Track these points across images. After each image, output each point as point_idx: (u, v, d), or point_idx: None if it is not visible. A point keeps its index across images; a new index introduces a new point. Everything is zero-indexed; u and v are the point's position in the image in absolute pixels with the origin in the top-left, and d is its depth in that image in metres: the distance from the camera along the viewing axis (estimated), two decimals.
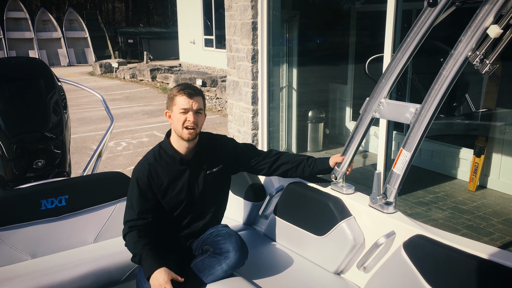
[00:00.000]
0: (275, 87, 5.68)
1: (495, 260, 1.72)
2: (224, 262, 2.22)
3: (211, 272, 2.25)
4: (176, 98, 2.23)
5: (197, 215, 2.43)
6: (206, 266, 2.28)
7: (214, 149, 2.43)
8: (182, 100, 2.21)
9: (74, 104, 11.25)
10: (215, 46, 16.09)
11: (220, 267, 2.23)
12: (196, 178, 2.37)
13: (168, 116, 2.30)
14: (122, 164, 6.53)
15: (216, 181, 2.44)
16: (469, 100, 5.60)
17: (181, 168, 2.32)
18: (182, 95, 2.21)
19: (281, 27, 5.79)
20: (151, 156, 2.33)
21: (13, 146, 2.92)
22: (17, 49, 21.45)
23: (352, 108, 6.90)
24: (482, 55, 1.82)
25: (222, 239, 2.31)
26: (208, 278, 2.25)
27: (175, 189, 2.32)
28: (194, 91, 2.25)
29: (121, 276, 2.55)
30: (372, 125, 2.37)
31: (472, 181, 5.06)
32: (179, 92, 2.22)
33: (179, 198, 2.34)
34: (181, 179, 2.33)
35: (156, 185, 2.28)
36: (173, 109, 2.25)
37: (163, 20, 39.24)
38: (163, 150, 2.33)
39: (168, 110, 2.29)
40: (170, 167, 2.31)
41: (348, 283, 2.33)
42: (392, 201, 2.18)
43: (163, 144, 2.35)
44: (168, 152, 2.31)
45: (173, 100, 2.24)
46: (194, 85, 2.34)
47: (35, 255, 2.60)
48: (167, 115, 2.31)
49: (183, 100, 2.21)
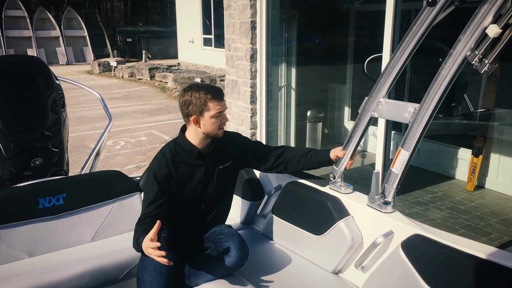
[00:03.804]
0: (273, 86, 5.68)
1: (493, 260, 1.72)
2: (225, 261, 2.23)
3: (211, 270, 2.26)
4: (209, 103, 2.24)
5: (207, 211, 2.46)
6: (207, 264, 2.29)
7: (226, 145, 2.47)
8: (216, 104, 2.25)
9: (72, 102, 11.23)
10: (214, 45, 16.07)
11: (220, 266, 2.24)
12: (211, 172, 2.42)
13: (195, 121, 2.27)
14: (120, 163, 6.52)
15: (226, 176, 2.49)
16: (468, 100, 5.60)
17: (197, 162, 2.36)
18: (214, 100, 2.24)
19: (280, 26, 5.79)
20: (167, 151, 2.34)
21: (11, 144, 2.92)
22: (16, 48, 21.40)
23: (350, 107, 6.90)
24: (481, 55, 1.81)
25: (225, 237, 2.32)
26: (208, 275, 2.26)
27: (192, 183, 2.36)
28: (220, 92, 2.30)
29: (119, 274, 2.55)
30: (370, 124, 2.37)
31: (470, 181, 5.06)
32: (211, 98, 2.24)
33: (196, 191, 2.38)
34: (198, 173, 2.37)
35: (174, 178, 2.31)
36: (205, 114, 2.25)
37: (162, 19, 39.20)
38: (179, 146, 2.35)
39: (196, 115, 2.25)
40: (187, 161, 2.34)
41: (346, 283, 2.33)
42: (390, 201, 2.18)
43: (178, 140, 2.37)
44: (185, 147, 2.34)
45: (206, 105, 2.23)
46: (213, 85, 2.36)
47: (33, 254, 2.59)
48: (193, 120, 2.26)
49: (217, 104, 2.25)
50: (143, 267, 2.26)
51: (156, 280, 2.19)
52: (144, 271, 2.24)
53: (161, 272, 2.21)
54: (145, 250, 1.99)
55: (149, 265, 2.24)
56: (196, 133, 2.31)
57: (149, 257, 2.20)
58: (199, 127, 2.28)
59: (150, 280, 2.20)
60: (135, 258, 2.57)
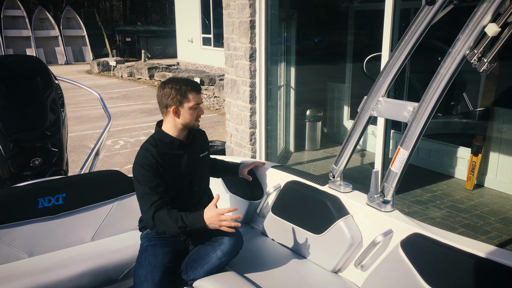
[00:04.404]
0: (273, 85, 5.67)
1: (492, 259, 1.72)
2: (219, 249, 2.28)
3: (206, 260, 2.29)
4: (189, 95, 2.34)
5: (197, 199, 2.51)
6: (202, 255, 2.32)
7: (201, 136, 2.62)
8: (194, 96, 2.36)
9: (71, 102, 11.22)
10: (213, 44, 16.07)
11: (215, 254, 2.28)
12: (195, 160, 2.49)
13: (174, 111, 2.34)
14: (119, 163, 6.51)
15: (207, 164, 2.62)
16: (467, 99, 5.61)
17: (179, 152, 2.42)
18: (193, 91, 2.35)
19: (279, 25, 5.78)
20: (148, 146, 2.38)
21: (10, 144, 2.91)
22: (15, 47, 21.37)
23: (350, 106, 6.90)
24: (480, 54, 1.82)
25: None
26: (205, 267, 2.29)
27: (180, 171, 2.42)
28: (199, 86, 2.43)
29: (119, 274, 2.55)
30: (370, 123, 2.38)
31: (469, 180, 5.07)
32: (191, 90, 2.35)
33: (185, 179, 2.44)
34: (183, 162, 2.43)
35: (163, 167, 2.34)
36: (184, 105, 2.34)
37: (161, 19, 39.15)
38: (159, 140, 2.40)
39: (176, 105, 2.33)
40: (170, 152, 2.40)
41: (346, 282, 2.33)
42: (389, 200, 2.19)
43: (157, 134, 2.42)
44: (165, 139, 2.39)
45: (186, 96, 2.33)
46: (190, 79, 2.45)
47: (32, 254, 2.59)
48: (173, 110, 2.33)
49: (195, 96, 2.36)
50: (139, 263, 2.31)
51: (150, 274, 2.23)
52: (139, 267, 2.29)
53: (155, 266, 2.25)
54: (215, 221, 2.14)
55: (144, 260, 2.29)
56: (174, 124, 2.38)
57: (145, 254, 2.28)
58: (178, 118, 2.36)
59: (145, 274, 2.24)
60: (134, 257, 2.57)
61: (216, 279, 2.27)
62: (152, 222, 2.25)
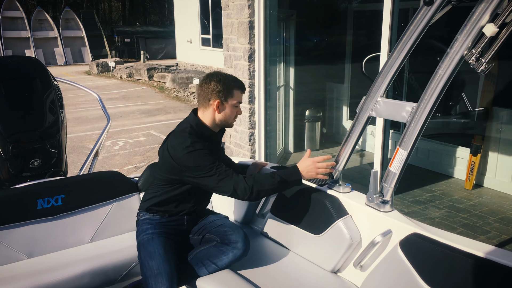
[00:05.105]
0: (272, 86, 5.67)
1: (491, 259, 1.72)
2: (232, 253, 2.29)
3: (215, 261, 2.30)
4: (235, 91, 2.34)
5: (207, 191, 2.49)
6: (211, 255, 2.32)
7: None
8: (239, 94, 2.36)
9: (70, 103, 11.22)
10: (212, 45, 16.06)
11: (226, 257, 2.29)
12: (218, 150, 2.50)
13: (217, 106, 2.30)
14: (119, 164, 6.51)
15: (223, 153, 2.73)
16: (466, 99, 5.61)
17: (212, 146, 2.38)
18: (239, 89, 2.36)
19: (278, 26, 5.79)
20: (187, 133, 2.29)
21: (9, 145, 2.91)
22: (14, 49, 21.37)
23: (349, 107, 6.91)
24: (478, 54, 1.82)
25: (230, 230, 2.38)
26: (211, 266, 2.31)
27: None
28: (244, 85, 2.41)
29: (118, 275, 2.55)
30: (369, 124, 2.38)
31: (468, 179, 5.07)
32: (238, 87, 2.35)
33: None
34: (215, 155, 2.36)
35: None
36: (228, 101, 2.32)
37: (160, 19, 39.16)
38: (197, 131, 2.33)
39: (220, 100, 2.30)
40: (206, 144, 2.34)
41: (345, 282, 2.34)
42: (388, 200, 2.19)
43: (196, 126, 2.34)
44: (204, 132, 2.35)
45: (232, 92, 2.32)
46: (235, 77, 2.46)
47: (32, 255, 2.59)
48: (215, 104, 2.30)
49: (240, 94, 2.37)
50: (147, 253, 2.28)
51: (162, 265, 2.23)
52: (148, 258, 2.26)
53: (167, 258, 2.26)
54: (311, 169, 2.22)
55: (153, 251, 2.27)
56: (213, 118, 2.35)
57: (153, 243, 2.28)
58: (218, 113, 2.33)
59: (157, 267, 2.22)
60: (134, 258, 2.57)
61: (215, 280, 2.27)
62: (250, 189, 2.18)
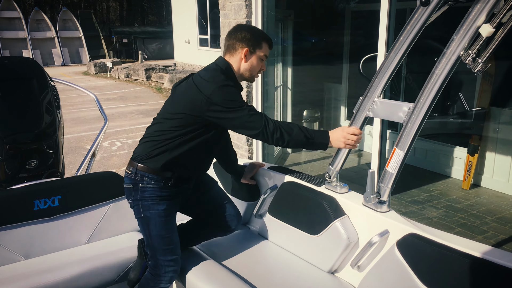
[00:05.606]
0: (269, 86, 5.67)
1: (488, 259, 1.72)
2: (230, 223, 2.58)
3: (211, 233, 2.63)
4: (263, 44, 2.28)
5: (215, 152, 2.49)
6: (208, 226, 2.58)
7: None
8: (267, 47, 2.30)
9: (68, 104, 11.20)
10: (210, 45, 16.07)
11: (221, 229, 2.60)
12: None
13: (245, 54, 2.24)
14: (116, 164, 6.50)
15: None
16: (463, 99, 5.62)
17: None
18: (267, 43, 2.30)
19: (276, 26, 5.79)
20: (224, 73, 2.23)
21: (6, 146, 2.90)
22: (11, 49, 21.33)
23: (346, 107, 6.91)
24: (474, 54, 1.82)
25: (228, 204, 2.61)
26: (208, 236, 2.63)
27: None
28: (271, 41, 2.34)
29: (115, 276, 2.54)
30: (366, 124, 2.38)
31: (466, 179, 5.08)
32: (267, 41, 2.29)
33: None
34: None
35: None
36: (256, 51, 2.27)
37: (157, 20, 39.14)
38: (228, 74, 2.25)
39: (250, 48, 2.25)
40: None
41: (342, 282, 2.34)
42: (385, 200, 2.19)
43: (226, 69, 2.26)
44: (233, 75, 2.29)
45: (261, 44, 2.27)
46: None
47: (28, 256, 2.58)
48: (243, 52, 2.23)
49: (267, 48, 2.30)
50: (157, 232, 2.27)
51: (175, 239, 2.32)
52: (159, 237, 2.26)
53: (173, 239, 2.32)
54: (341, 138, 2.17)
55: (166, 232, 2.28)
56: (238, 67, 2.28)
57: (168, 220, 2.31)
58: (245, 62, 2.27)
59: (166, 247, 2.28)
60: (131, 259, 2.57)
61: (212, 280, 2.27)
62: (279, 131, 2.12)
